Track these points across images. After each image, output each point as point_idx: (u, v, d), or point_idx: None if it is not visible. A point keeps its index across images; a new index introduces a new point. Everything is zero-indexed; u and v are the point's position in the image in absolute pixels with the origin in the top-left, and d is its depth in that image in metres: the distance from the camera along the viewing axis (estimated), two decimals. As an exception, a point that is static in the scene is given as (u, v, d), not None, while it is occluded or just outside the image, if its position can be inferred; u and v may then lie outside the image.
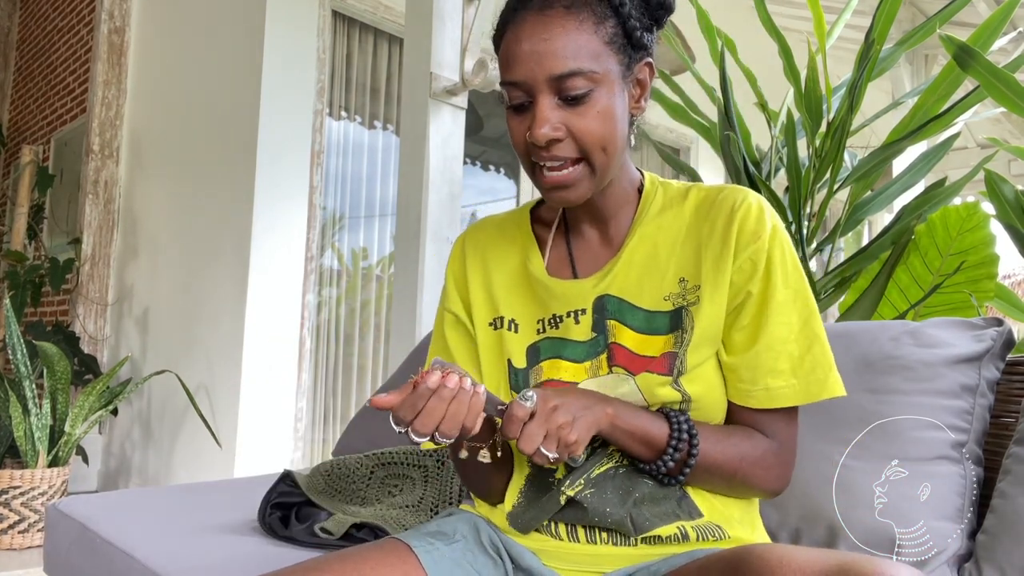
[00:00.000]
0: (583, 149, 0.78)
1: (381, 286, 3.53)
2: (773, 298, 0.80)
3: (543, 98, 0.76)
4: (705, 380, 0.82)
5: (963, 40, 1.58)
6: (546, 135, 0.76)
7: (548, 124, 0.76)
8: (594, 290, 0.86)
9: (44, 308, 4.10)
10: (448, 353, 0.95)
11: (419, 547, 0.81)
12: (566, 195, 0.80)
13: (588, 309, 0.86)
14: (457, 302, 0.95)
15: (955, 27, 4.29)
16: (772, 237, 0.81)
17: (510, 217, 0.98)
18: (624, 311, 0.84)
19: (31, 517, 2.62)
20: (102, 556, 1.22)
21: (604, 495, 0.80)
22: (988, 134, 5.92)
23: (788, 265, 0.81)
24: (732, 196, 0.84)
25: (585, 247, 0.90)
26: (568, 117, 0.77)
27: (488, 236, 0.96)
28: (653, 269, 0.85)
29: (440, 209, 2.26)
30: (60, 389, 2.80)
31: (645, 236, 0.86)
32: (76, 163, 3.97)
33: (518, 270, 0.92)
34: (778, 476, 0.82)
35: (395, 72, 3.55)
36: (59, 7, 4.41)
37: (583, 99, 0.76)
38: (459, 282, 0.96)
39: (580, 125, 0.77)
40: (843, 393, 0.81)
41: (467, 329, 0.94)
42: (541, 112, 0.76)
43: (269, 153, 3.02)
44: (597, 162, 0.79)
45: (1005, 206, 1.62)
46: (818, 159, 1.90)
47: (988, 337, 1.02)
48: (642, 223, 0.87)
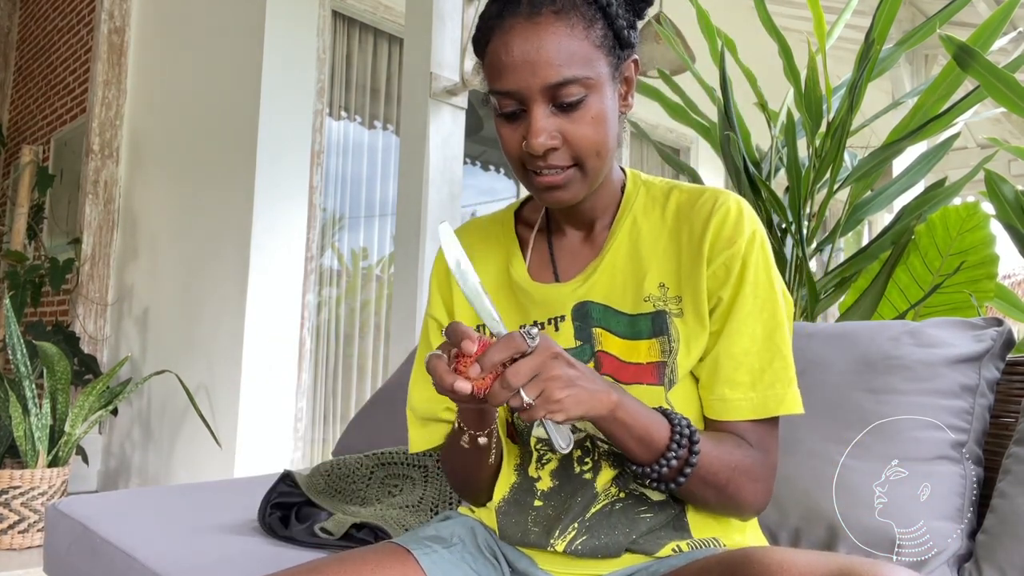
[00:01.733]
0: (577, 156, 0.76)
1: (381, 286, 3.53)
2: (741, 307, 0.79)
3: (537, 107, 0.74)
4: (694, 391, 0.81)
5: (963, 40, 1.58)
6: (543, 145, 0.74)
7: (545, 134, 0.74)
8: (574, 295, 0.84)
9: (44, 308, 4.10)
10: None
11: (418, 550, 0.81)
12: (560, 195, 0.79)
13: (567, 316, 0.84)
14: (440, 308, 0.94)
15: (955, 27, 4.29)
16: (749, 242, 0.79)
17: (495, 219, 0.96)
18: (609, 317, 0.83)
19: (31, 517, 2.62)
20: (102, 556, 1.22)
21: (598, 539, 0.78)
22: (988, 134, 5.92)
23: (760, 274, 0.79)
24: (711, 199, 0.82)
25: (567, 249, 0.89)
26: (563, 124, 0.75)
27: (472, 239, 0.94)
28: (634, 272, 0.84)
29: (440, 209, 2.26)
30: (60, 389, 2.80)
31: (626, 238, 0.85)
32: (76, 163, 3.97)
33: (501, 274, 0.90)
34: (765, 490, 0.79)
35: (395, 72, 3.55)
36: (59, 7, 4.41)
37: (577, 105, 0.75)
38: (442, 287, 0.94)
39: (576, 132, 0.75)
40: (800, 411, 0.79)
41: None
42: (536, 122, 0.74)
43: (269, 153, 3.02)
44: (590, 166, 0.78)
45: (1005, 206, 1.62)
46: (818, 159, 1.90)
47: (988, 337, 1.02)
48: (623, 224, 0.86)
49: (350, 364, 3.40)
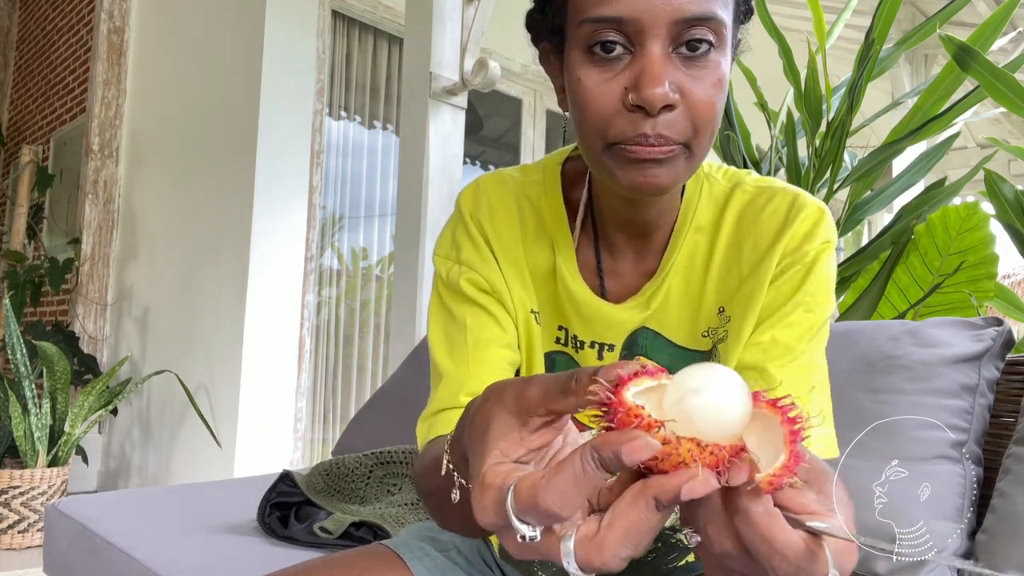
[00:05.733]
0: (696, 124, 0.57)
1: (381, 286, 3.52)
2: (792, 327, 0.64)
3: (655, 45, 0.55)
4: None
5: (963, 40, 1.58)
6: (665, 96, 0.55)
7: (668, 81, 0.55)
8: (631, 321, 0.69)
9: (43, 308, 4.10)
10: (497, 328, 0.69)
11: (409, 556, 0.77)
12: (658, 177, 0.58)
13: (617, 347, 0.69)
14: (490, 266, 0.70)
15: (955, 27, 4.29)
16: (819, 252, 0.65)
17: (534, 181, 0.74)
18: (659, 347, 0.69)
19: (31, 517, 2.62)
20: (101, 556, 1.22)
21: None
22: (987, 134, 5.91)
23: (819, 294, 0.66)
24: (785, 204, 0.66)
25: (617, 260, 0.71)
26: (683, 80, 0.56)
27: (506, 204, 0.73)
28: (691, 298, 0.69)
29: (440, 209, 2.26)
30: (60, 389, 2.80)
31: (686, 256, 0.69)
32: (75, 163, 3.97)
33: (545, 263, 0.71)
34: None
35: (395, 72, 3.55)
36: (59, 7, 4.41)
37: (703, 59, 0.57)
38: (481, 248, 0.72)
39: (697, 93, 0.56)
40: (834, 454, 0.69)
41: (501, 311, 0.70)
42: (656, 64, 0.55)
43: (269, 153, 3.01)
44: (701, 147, 0.59)
45: (1004, 206, 1.62)
46: (818, 159, 1.90)
47: (988, 337, 1.02)
48: (684, 237, 0.69)
49: (350, 364, 3.40)
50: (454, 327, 0.70)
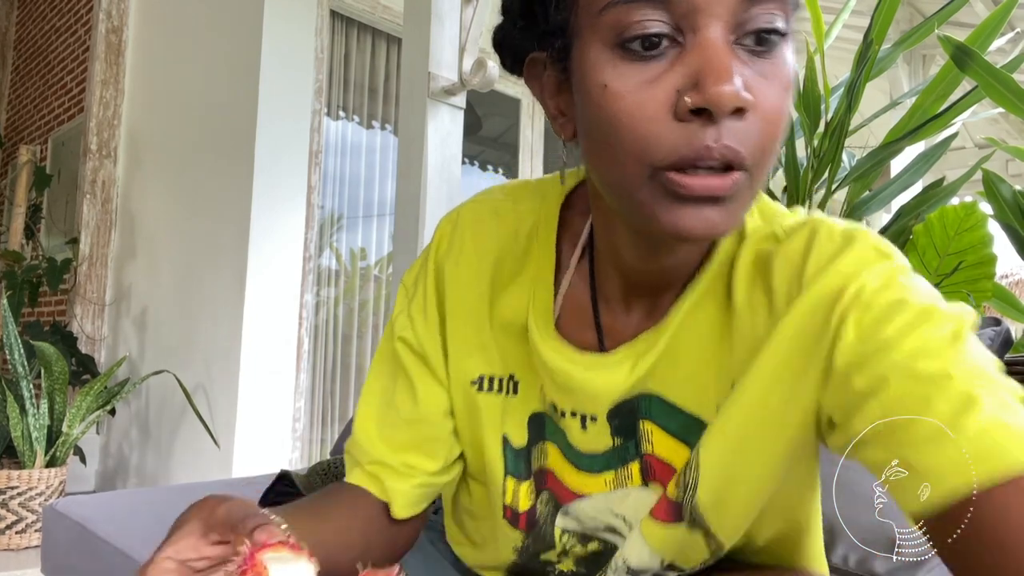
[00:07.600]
0: (762, 144, 0.43)
1: (379, 286, 3.52)
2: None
3: (717, 30, 0.42)
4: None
5: (961, 40, 1.58)
6: (736, 96, 0.41)
7: (739, 77, 0.41)
8: (616, 387, 0.56)
9: (41, 308, 4.09)
10: (411, 401, 0.62)
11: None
12: (714, 219, 0.44)
13: (600, 417, 0.57)
14: (429, 325, 0.62)
15: (953, 27, 4.29)
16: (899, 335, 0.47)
17: (525, 212, 0.61)
18: (663, 410, 0.56)
19: (28, 517, 2.61)
20: (100, 556, 1.21)
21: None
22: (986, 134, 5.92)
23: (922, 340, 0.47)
24: (841, 285, 0.47)
25: (617, 312, 0.58)
26: (751, 81, 0.42)
27: (484, 240, 0.62)
28: (705, 358, 0.54)
29: (438, 209, 2.26)
30: (58, 389, 2.79)
31: (698, 303, 0.55)
32: (74, 163, 3.96)
33: (517, 315, 0.60)
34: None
35: (393, 72, 3.55)
36: (57, 7, 4.41)
37: (773, 53, 0.43)
38: (429, 307, 0.63)
39: (771, 99, 0.43)
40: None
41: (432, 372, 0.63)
42: (722, 53, 0.41)
43: (267, 153, 3.01)
44: (762, 176, 0.45)
45: (1003, 206, 1.62)
46: (816, 159, 1.90)
47: (986, 337, 1.03)
48: (699, 287, 0.55)
49: (348, 364, 3.40)
50: (388, 379, 0.64)
